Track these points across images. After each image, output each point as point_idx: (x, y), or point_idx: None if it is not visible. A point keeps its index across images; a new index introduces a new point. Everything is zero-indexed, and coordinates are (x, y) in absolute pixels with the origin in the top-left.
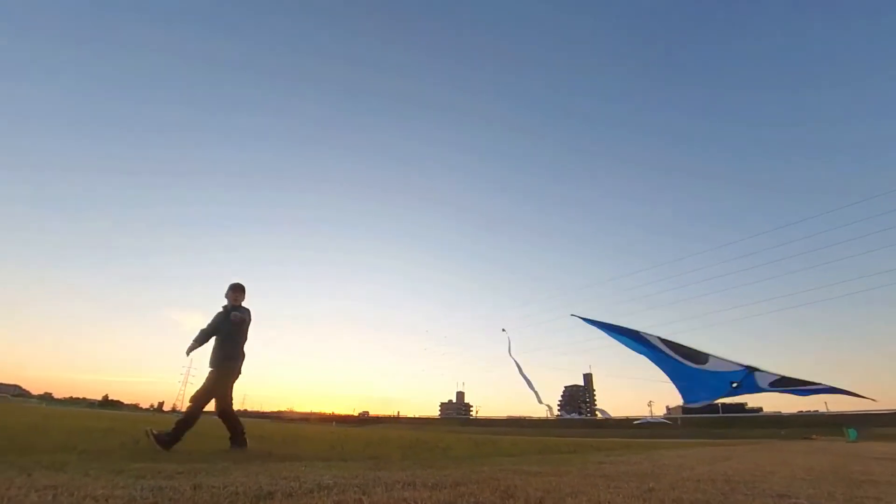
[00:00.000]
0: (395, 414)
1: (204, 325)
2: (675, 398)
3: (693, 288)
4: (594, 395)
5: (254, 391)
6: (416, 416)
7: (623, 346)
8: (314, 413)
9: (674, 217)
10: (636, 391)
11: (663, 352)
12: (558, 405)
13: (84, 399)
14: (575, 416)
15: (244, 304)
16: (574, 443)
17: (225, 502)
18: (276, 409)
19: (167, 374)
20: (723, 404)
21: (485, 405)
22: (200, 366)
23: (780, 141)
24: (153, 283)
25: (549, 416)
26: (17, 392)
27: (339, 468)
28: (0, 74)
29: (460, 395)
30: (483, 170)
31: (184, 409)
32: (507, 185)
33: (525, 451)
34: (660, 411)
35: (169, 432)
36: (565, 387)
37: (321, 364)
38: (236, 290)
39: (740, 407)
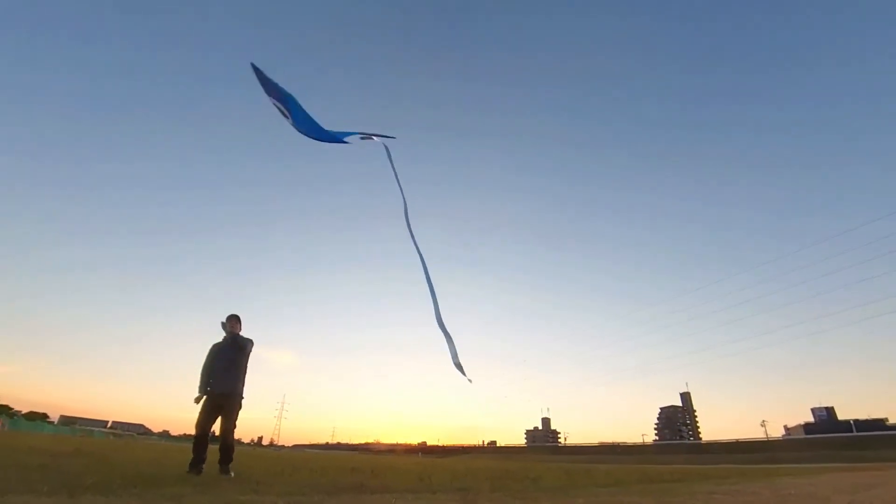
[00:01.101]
0: (482, 443)
1: (245, 360)
2: (793, 417)
3: (803, 288)
4: (695, 416)
5: (342, 424)
6: (502, 443)
7: (727, 359)
8: (400, 444)
9: (769, 215)
10: (745, 409)
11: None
12: (655, 429)
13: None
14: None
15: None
16: (678, 470)
17: None
18: (363, 441)
19: (263, 410)
20: (856, 421)
21: (573, 431)
22: (293, 400)
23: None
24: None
25: (465, 376)
26: (141, 431)
27: (429, 500)
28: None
29: (546, 421)
30: (560, 180)
31: (277, 443)
32: (585, 197)
33: (622, 480)
34: (776, 431)
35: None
36: (661, 408)
37: (403, 393)
38: (235, 320)
39: (880, 424)
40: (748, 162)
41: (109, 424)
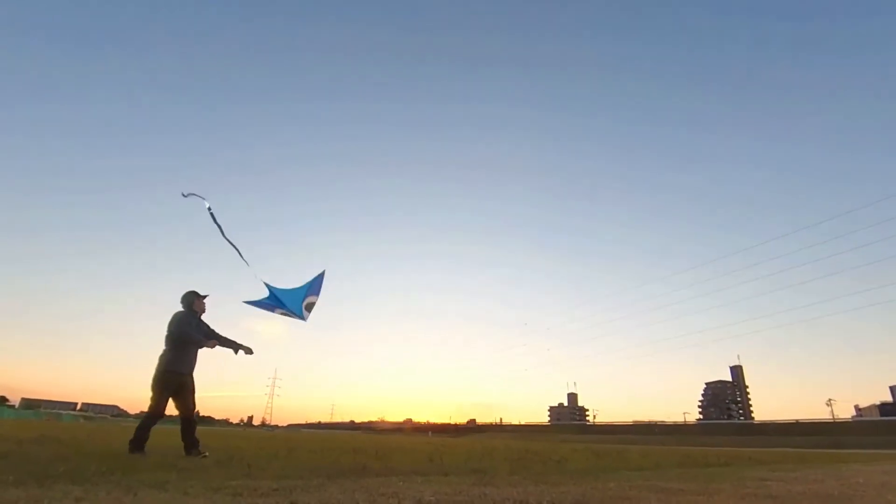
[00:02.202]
0: (498, 421)
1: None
2: (867, 396)
3: (881, 247)
4: (747, 393)
5: (342, 401)
6: (522, 422)
7: (787, 328)
8: (408, 422)
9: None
10: (808, 386)
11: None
12: (699, 407)
13: (175, 416)
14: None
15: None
16: (725, 453)
17: None
18: (366, 420)
19: (254, 388)
20: None
21: (603, 408)
22: (286, 376)
23: None
24: (231, 294)
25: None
26: (115, 412)
27: (440, 483)
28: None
29: (572, 396)
30: (586, 140)
31: (270, 422)
32: (619, 140)
33: (660, 463)
34: (845, 412)
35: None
36: (707, 384)
37: (411, 370)
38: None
39: None
40: (819, 94)
41: (79, 406)
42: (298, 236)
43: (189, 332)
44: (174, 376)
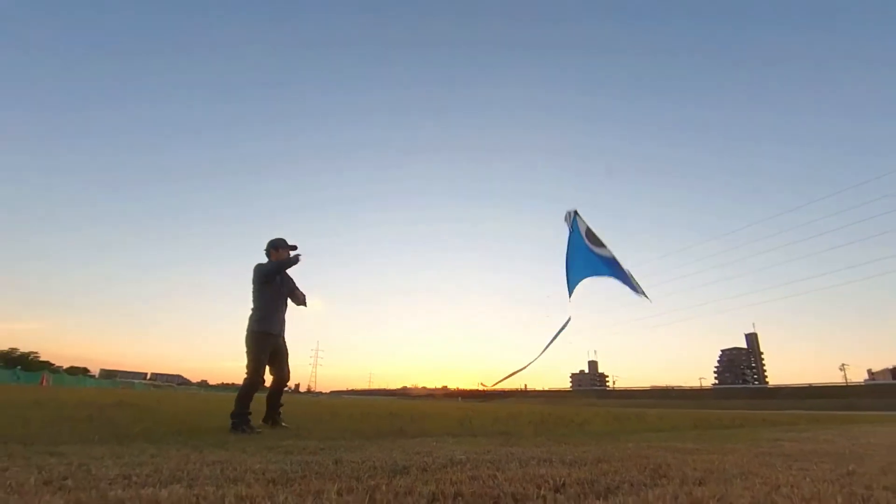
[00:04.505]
0: (523, 387)
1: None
2: (878, 361)
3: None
4: (762, 359)
5: (379, 369)
6: (546, 388)
7: (802, 297)
8: (439, 389)
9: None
10: (821, 352)
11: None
12: (715, 373)
13: (234, 384)
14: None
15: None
16: (739, 416)
17: (364, 476)
18: (400, 386)
19: (299, 359)
20: None
21: (622, 375)
22: (327, 348)
23: None
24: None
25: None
26: (180, 381)
27: (470, 444)
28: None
29: (593, 364)
30: (608, 119)
31: (315, 389)
32: (639, 111)
33: (677, 425)
34: (858, 376)
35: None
36: (722, 350)
37: (442, 337)
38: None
39: None
40: (833, 65)
41: (149, 376)
42: (358, 215)
43: (269, 269)
44: (266, 336)
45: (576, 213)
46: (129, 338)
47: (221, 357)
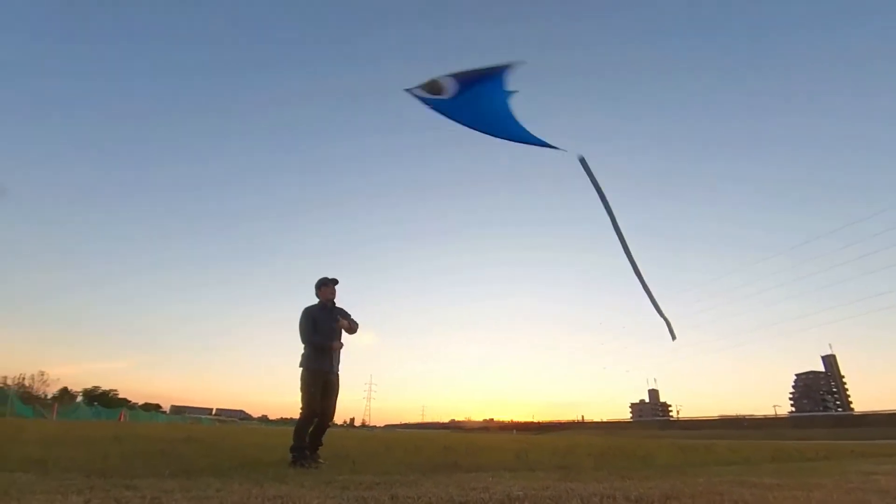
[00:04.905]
0: (580, 418)
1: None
2: None
3: None
4: (843, 383)
5: (432, 403)
6: (604, 419)
7: (885, 312)
8: (493, 421)
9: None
10: None
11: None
12: (790, 400)
13: (291, 419)
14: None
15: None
16: (824, 447)
17: None
18: (453, 419)
19: (352, 392)
20: None
21: (687, 403)
22: (380, 381)
23: None
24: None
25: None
26: (242, 416)
27: (528, 478)
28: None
29: (653, 393)
30: (654, 135)
31: (369, 423)
32: (696, 122)
33: (750, 458)
34: None
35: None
36: (797, 375)
37: (495, 370)
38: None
39: None
40: None
41: (214, 411)
42: (412, 251)
43: (309, 339)
44: (316, 373)
45: None
46: (196, 374)
47: (280, 392)
